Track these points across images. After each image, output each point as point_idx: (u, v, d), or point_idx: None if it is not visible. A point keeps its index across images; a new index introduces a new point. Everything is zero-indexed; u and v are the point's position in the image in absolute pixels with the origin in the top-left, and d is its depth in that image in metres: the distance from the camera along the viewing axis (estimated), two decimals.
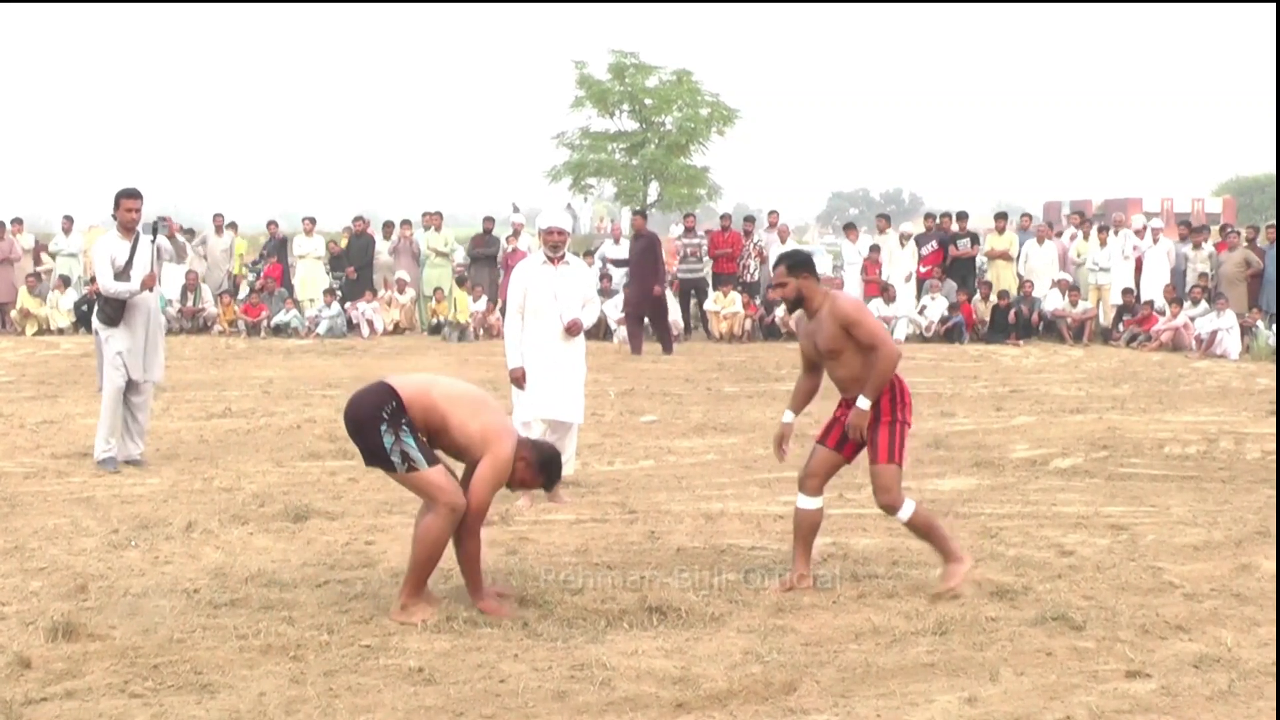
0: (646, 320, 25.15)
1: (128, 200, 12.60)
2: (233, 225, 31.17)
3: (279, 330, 27.97)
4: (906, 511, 8.45)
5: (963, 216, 29.90)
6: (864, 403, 8.30)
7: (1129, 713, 6.42)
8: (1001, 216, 30.51)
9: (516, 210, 36.93)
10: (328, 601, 8.22)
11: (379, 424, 7.85)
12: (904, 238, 30.01)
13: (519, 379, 11.20)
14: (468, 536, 7.98)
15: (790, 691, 6.68)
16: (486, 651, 7.28)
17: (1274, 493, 11.71)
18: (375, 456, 7.94)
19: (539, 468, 8.14)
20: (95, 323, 12.82)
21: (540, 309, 11.27)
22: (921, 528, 8.53)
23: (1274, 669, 7.04)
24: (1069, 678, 6.90)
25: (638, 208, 25.30)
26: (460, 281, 28.12)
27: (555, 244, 11.40)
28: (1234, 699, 6.63)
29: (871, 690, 6.70)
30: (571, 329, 11.28)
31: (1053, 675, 6.93)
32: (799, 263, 8.52)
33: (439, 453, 8.12)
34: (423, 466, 7.85)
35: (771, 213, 31.79)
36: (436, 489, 7.87)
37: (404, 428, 7.85)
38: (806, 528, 8.63)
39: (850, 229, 31.82)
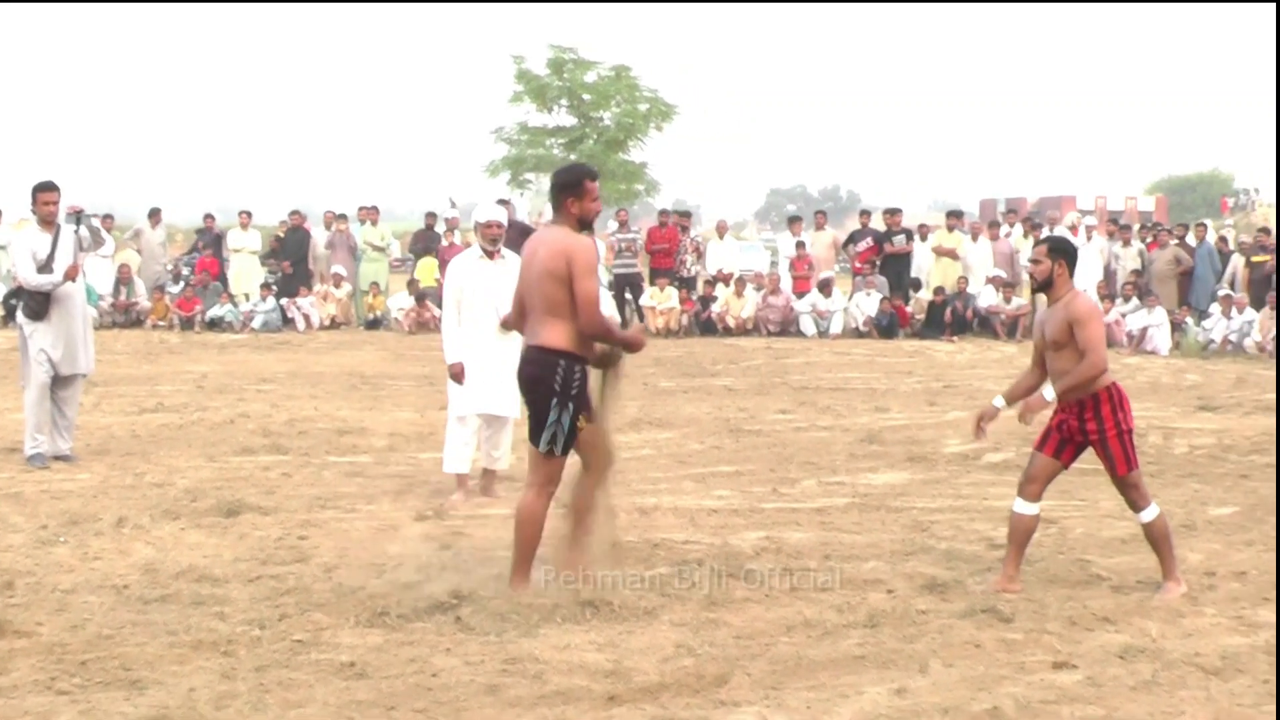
0: None
1: (43, 194, 12.50)
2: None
3: (213, 325, 27.73)
4: (1150, 514, 8.55)
5: (895, 212, 29.96)
6: (1049, 393, 8.50)
7: (1055, 703, 6.48)
8: (954, 215, 30.56)
9: (453, 205, 36.78)
10: (260, 597, 8.20)
11: (551, 396, 8.14)
12: (837, 246, 30.19)
13: (458, 374, 11.11)
14: (593, 329, 8.19)
15: (721, 684, 6.71)
16: (419, 646, 7.27)
17: (1200, 486, 11.90)
18: (537, 420, 8.23)
19: (572, 188, 8.30)
20: (19, 317, 12.68)
21: (476, 304, 11.19)
22: (1156, 537, 8.59)
23: (1197, 659, 7.14)
24: (997, 669, 6.97)
25: (501, 197, 25.07)
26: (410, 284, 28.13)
27: (494, 237, 11.31)
28: (1157, 689, 6.71)
29: (802, 682, 6.74)
30: (506, 323, 11.22)
31: (981, 667, 7.00)
32: (1059, 248, 8.65)
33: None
34: (558, 454, 8.19)
35: (687, 213, 31.76)
36: (554, 477, 8.26)
37: (569, 405, 8.11)
38: (1021, 533, 8.68)
39: (795, 222, 31.97)
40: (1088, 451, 8.56)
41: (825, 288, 27.94)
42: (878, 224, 30.21)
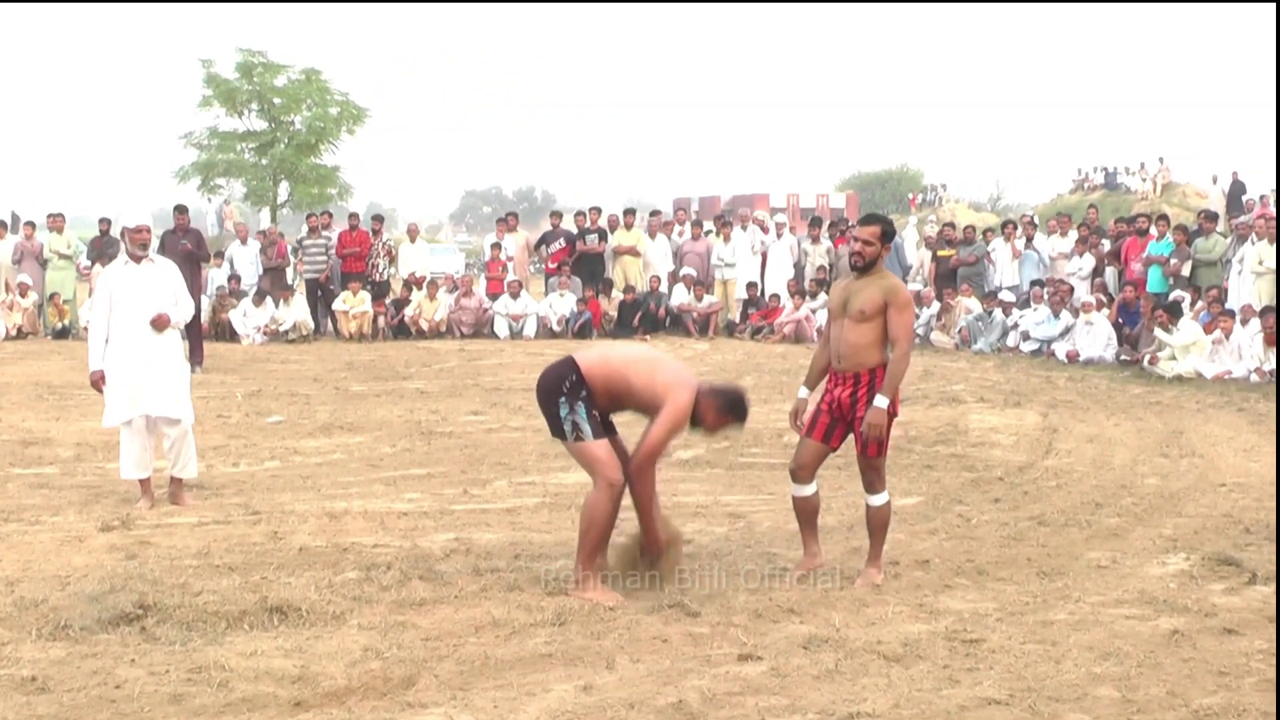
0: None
1: None
2: None
3: None
4: (881, 499, 8.82)
5: (595, 210, 30.15)
6: (881, 401, 8.51)
7: (740, 694, 6.59)
8: (630, 212, 30.74)
9: (15, 217, 35.57)
10: None
11: (559, 395, 8.47)
12: (530, 247, 30.33)
13: (96, 382, 11.10)
14: (638, 479, 8.52)
15: (409, 686, 6.69)
16: (103, 658, 7.10)
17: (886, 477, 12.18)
18: (553, 425, 8.55)
19: (727, 409, 8.55)
20: None
21: (128, 309, 11.06)
22: (877, 522, 8.84)
23: (879, 647, 7.34)
24: (683, 663, 7.06)
25: (180, 202, 24.27)
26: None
27: (145, 242, 11.23)
28: (840, 677, 6.86)
29: (490, 682, 6.75)
30: (157, 323, 11.05)
31: (667, 661, 7.08)
32: (890, 233, 8.87)
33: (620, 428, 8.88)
34: (588, 438, 8.42)
35: (379, 217, 31.45)
36: (598, 462, 8.45)
37: (580, 401, 8.45)
38: (808, 512, 9.04)
39: (501, 223, 32.09)
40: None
41: (510, 287, 28.09)
42: (570, 225, 30.42)
